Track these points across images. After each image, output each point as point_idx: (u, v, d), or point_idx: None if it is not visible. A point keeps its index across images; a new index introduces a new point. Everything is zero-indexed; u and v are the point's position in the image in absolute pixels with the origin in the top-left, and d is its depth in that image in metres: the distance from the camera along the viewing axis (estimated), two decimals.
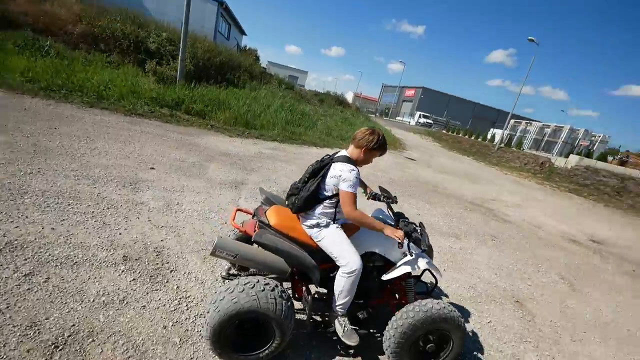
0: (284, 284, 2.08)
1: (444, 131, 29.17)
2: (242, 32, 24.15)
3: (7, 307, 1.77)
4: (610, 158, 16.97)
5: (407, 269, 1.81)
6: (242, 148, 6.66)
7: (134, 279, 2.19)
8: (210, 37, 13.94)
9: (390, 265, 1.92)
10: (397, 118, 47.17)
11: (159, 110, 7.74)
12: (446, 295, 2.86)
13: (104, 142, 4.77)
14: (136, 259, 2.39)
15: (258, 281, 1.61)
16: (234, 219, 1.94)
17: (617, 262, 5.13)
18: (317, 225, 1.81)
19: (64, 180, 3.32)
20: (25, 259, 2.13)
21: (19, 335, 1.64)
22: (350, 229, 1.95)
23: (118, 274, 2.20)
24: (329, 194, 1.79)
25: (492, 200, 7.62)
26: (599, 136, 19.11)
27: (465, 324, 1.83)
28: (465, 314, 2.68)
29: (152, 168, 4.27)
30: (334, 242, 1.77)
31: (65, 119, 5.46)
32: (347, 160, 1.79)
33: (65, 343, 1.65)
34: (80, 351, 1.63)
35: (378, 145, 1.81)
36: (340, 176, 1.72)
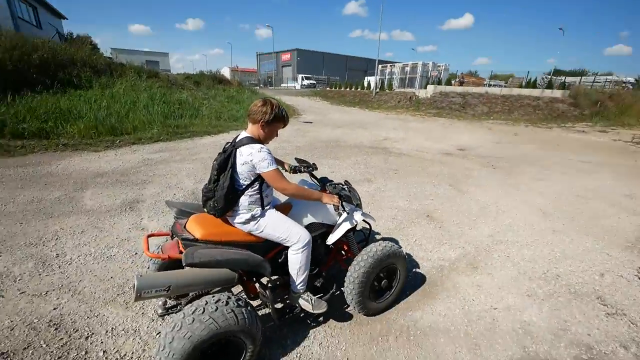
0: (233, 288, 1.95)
1: (327, 88, 30.74)
2: (60, 16, 18.63)
3: None
4: (453, 82, 21.37)
5: (347, 226, 1.92)
6: (119, 161, 5.50)
7: None
8: (9, 27, 10.21)
9: (330, 228, 2.00)
10: (282, 85, 46.97)
11: None
12: (378, 233, 3.23)
13: None
14: (25, 348, 1.79)
15: (206, 303, 1.42)
16: (148, 249, 1.61)
17: (478, 160, 6.74)
18: (253, 218, 1.69)
19: None
20: None
21: None
22: (283, 209, 1.90)
23: None
24: (247, 182, 1.65)
25: (384, 140, 8.69)
26: (442, 65, 23.51)
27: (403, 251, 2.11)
28: (397, 242, 3.10)
29: None
30: (276, 225, 1.70)
31: None
32: (251, 140, 1.64)
33: None
34: None
35: (273, 115, 1.64)
36: (251, 160, 1.58)
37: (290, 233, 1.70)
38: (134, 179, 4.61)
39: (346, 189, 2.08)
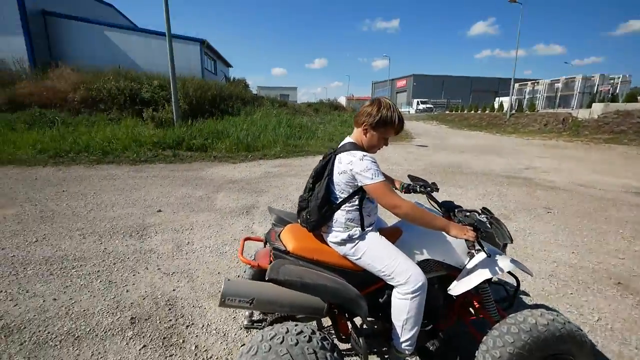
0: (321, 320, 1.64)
1: (447, 112, 28.36)
2: (228, 65, 24.75)
3: None
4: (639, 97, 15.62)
5: (484, 275, 1.32)
6: (247, 172, 6.38)
7: (144, 346, 1.81)
8: (198, 75, 14.17)
9: (454, 272, 1.45)
10: None
11: (161, 153, 7.66)
12: (526, 294, 2.28)
13: (110, 195, 4.59)
14: (146, 319, 2.02)
15: (287, 331, 1.17)
16: (242, 253, 1.53)
17: None
18: (350, 239, 1.38)
19: (69, 242, 3.07)
20: (21, 344, 1.80)
21: None
22: (390, 234, 1.50)
23: (125, 343, 1.83)
24: (344, 195, 1.37)
25: (526, 170, 6.92)
26: (619, 77, 17.63)
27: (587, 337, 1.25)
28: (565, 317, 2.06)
29: (159, 210, 4.01)
30: (379, 255, 1.32)
31: (73, 180, 5.36)
32: (353, 147, 1.37)
33: None
34: None
35: (379, 117, 1.32)
36: (351, 169, 1.30)
37: (396, 268, 1.28)
38: (255, 187, 5.18)
39: (485, 220, 1.45)
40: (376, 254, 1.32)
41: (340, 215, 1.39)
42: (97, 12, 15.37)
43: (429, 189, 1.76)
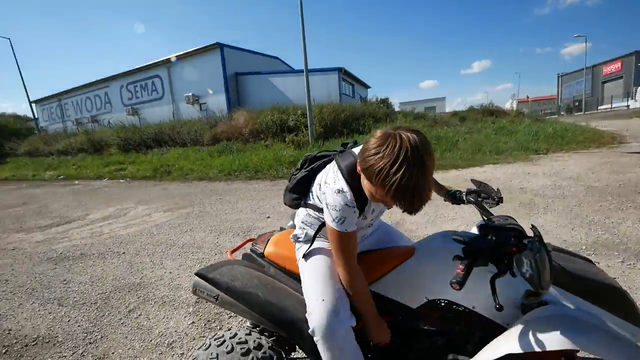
0: None
1: None
2: (366, 86, 26.09)
3: (101, 337, 2.04)
4: None
5: (509, 346, 0.71)
6: None
7: (193, 322, 2.13)
8: (337, 100, 15.74)
9: (498, 329, 0.87)
10: (600, 107, 33.51)
11: None
12: None
13: (243, 203, 5.78)
14: (205, 302, 2.36)
15: (233, 336, 1.09)
16: (233, 252, 1.54)
17: None
18: (296, 239, 1.15)
19: (201, 235, 4.08)
20: (138, 297, 2.54)
21: None
22: (393, 255, 1.09)
23: (184, 316, 2.22)
24: (317, 203, 1.09)
25: None
26: None
27: None
28: None
29: (268, 217, 4.66)
30: (308, 267, 1.03)
31: (230, 191, 7.16)
32: (348, 171, 0.92)
33: None
34: None
35: (368, 166, 0.76)
36: (324, 194, 0.95)
37: (308, 292, 0.97)
38: None
39: (538, 246, 0.71)
40: (307, 264, 1.02)
41: (302, 212, 1.16)
42: (267, 63, 20.33)
43: (483, 198, 1.18)
